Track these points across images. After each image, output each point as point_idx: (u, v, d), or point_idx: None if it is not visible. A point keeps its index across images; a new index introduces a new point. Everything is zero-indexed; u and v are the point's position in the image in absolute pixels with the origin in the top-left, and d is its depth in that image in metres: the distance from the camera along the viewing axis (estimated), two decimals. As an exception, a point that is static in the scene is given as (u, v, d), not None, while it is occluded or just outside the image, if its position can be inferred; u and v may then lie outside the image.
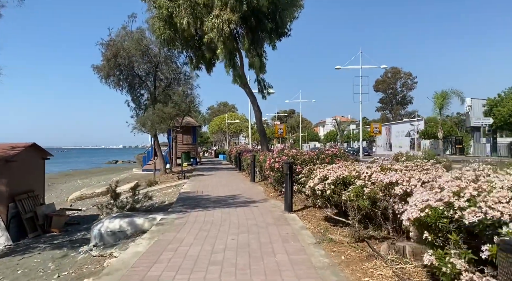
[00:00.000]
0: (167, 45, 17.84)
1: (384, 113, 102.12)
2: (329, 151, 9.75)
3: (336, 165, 6.88)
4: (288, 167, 7.74)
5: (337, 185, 5.90)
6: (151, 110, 17.12)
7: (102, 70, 18.58)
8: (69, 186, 25.41)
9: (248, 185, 13.47)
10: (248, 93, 17.45)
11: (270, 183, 11.11)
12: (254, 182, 14.16)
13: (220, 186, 13.07)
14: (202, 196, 10.50)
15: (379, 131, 35.45)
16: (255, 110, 17.49)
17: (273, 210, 8.08)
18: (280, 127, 32.21)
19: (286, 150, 10.13)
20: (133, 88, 20.63)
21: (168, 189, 14.38)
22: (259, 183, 13.87)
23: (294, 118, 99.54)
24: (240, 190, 11.84)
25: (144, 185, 16.68)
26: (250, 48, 15.03)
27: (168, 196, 12.49)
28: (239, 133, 68.52)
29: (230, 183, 14.13)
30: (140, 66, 18.94)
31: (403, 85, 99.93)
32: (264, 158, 13.21)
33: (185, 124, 29.30)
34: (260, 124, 17.62)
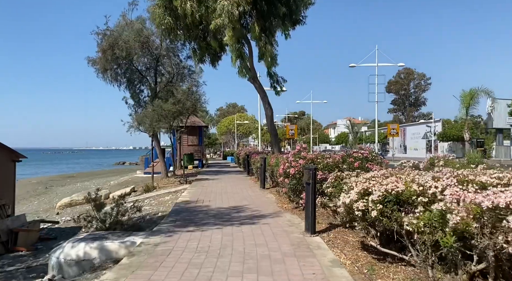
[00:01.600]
0: (168, 35, 16.10)
1: (397, 115, 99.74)
2: (359, 154, 7.85)
3: (378, 172, 4.98)
4: (310, 174, 5.87)
5: (387, 203, 4.02)
6: (150, 107, 15.38)
7: (98, 63, 16.93)
8: (67, 190, 23.88)
9: (257, 192, 11.62)
10: (257, 88, 15.60)
11: (284, 193, 9.23)
12: (264, 189, 12.31)
13: (224, 194, 11.24)
14: (201, 208, 8.67)
15: (396, 133, 33.30)
16: (266, 107, 15.63)
17: (290, 230, 6.20)
18: (292, 128, 30.29)
19: (304, 152, 8.25)
20: (132, 84, 18.97)
21: (166, 195, 12.59)
22: (270, 190, 12.01)
23: (304, 119, 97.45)
24: (247, 199, 9.99)
25: (141, 191, 14.96)
26: (261, 36, 13.17)
27: (163, 205, 10.69)
28: (248, 134, 66.69)
29: (236, 190, 12.29)
30: (140, 60, 17.25)
31: (416, 86, 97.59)
32: (276, 161, 11.36)
33: (191, 124, 27.57)
34: (271, 123, 15.75)
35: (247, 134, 66.43)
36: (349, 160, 7.75)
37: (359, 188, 4.50)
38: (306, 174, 6.00)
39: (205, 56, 16.76)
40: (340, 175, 6.19)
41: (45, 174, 45.05)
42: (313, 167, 6.00)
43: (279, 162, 11.31)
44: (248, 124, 58.76)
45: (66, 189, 23.97)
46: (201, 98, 25.76)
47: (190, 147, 27.85)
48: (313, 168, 5.93)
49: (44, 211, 14.50)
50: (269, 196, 10.66)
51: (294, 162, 8.05)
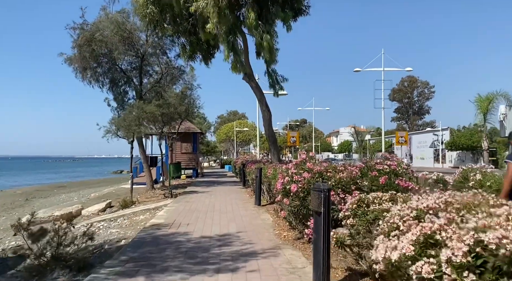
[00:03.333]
0: (153, 29, 14.21)
1: (400, 123, 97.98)
2: (384, 166, 5.77)
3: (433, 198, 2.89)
4: (321, 198, 3.81)
5: (484, 271, 1.97)
6: (131, 109, 13.36)
7: (74, 61, 14.97)
8: (47, 202, 21.81)
9: (250, 211, 9.52)
10: (254, 89, 13.60)
11: (283, 217, 7.11)
12: (259, 206, 10.22)
13: (210, 213, 9.14)
14: (174, 236, 6.56)
15: (405, 141, 31.25)
16: (263, 110, 13.62)
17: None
18: (293, 135, 28.24)
19: (310, 163, 6.18)
20: (116, 85, 17.00)
21: (142, 214, 10.50)
22: (267, 208, 9.93)
23: (306, 127, 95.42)
24: (237, 222, 7.90)
25: (117, 206, 12.88)
26: (258, 24, 11.19)
27: (134, 227, 8.60)
28: (248, 142, 64.63)
29: (227, 207, 10.19)
30: (122, 57, 15.28)
31: (420, 94, 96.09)
32: (274, 173, 9.29)
33: (184, 130, 25.56)
34: (269, 128, 13.71)
35: (247, 142, 64.39)
36: (371, 175, 5.68)
37: (415, 232, 2.44)
38: (315, 198, 3.93)
39: (196, 53, 14.83)
40: (364, 198, 4.16)
41: (36, 183, 43.04)
42: (326, 186, 3.92)
43: (277, 173, 9.27)
44: (248, 132, 56.73)
45: (46, 202, 21.89)
46: (195, 102, 23.96)
47: (184, 155, 25.81)
48: (325, 189, 3.85)
49: (3, 230, 12.46)
50: (265, 217, 8.56)
51: (297, 175, 5.99)
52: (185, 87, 22.52)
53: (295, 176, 6.03)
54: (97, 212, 12.61)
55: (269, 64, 13.27)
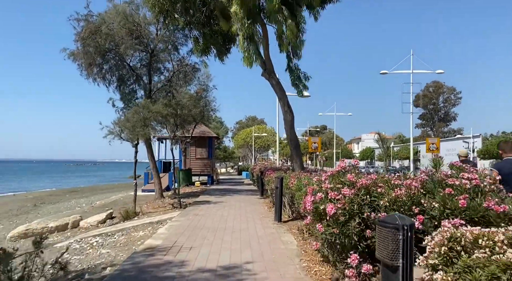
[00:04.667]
0: (164, 20, 12.84)
1: (425, 130, 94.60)
2: (463, 180, 4.01)
3: None
4: (401, 241, 2.12)
5: None
6: (138, 109, 11.93)
7: (78, 56, 13.74)
8: (54, 208, 20.70)
9: (269, 229, 7.84)
10: (274, 86, 11.98)
11: (316, 249, 5.33)
12: (280, 223, 8.54)
13: (221, 232, 7.51)
14: (168, 270, 4.94)
15: (436, 148, 28.82)
16: (285, 111, 11.96)
17: None
18: (315, 140, 26.35)
19: (351, 174, 4.49)
20: (125, 84, 15.72)
21: (142, 229, 8.98)
22: (289, 225, 8.25)
23: (326, 134, 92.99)
24: (254, 247, 6.24)
25: (119, 217, 11.45)
26: (281, 9, 9.56)
27: (129, 247, 7.07)
28: (267, 148, 62.90)
29: (241, 224, 8.55)
30: (130, 52, 13.93)
31: (445, 100, 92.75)
32: (298, 184, 7.65)
33: (199, 134, 24.17)
34: (290, 131, 12.03)
35: (265, 148, 62.68)
36: (443, 193, 3.94)
37: None
38: (386, 239, 2.26)
39: (210, 46, 13.37)
40: (458, 236, 2.50)
41: (51, 188, 42.57)
42: (406, 220, 2.24)
43: (303, 185, 7.59)
44: (267, 137, 55.03)
45: (53, 208, 20.80)
46: (211, 104, 22.56)
47: (199, 160, 24.37)
48: (406, 226, 2.17)
49: (-7, 242, 11.24)
50: (288, 239, 6.88)
51: (334, 191, 4.32)
52: (200, 88, 21.19)
53: (331, 192, 4.35)
54: (97, 223, 11.20)
55: (292, 58, 11.64)
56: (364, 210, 4.11)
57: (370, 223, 4.09)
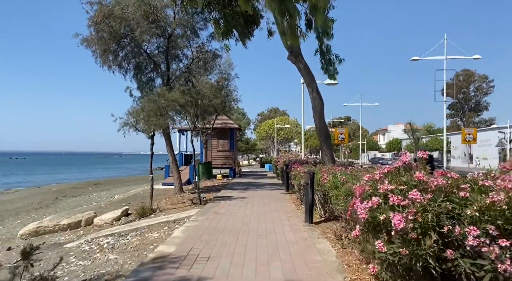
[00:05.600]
0: (181, 1, 11.85)
1: (454, 120, 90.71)
2: None
3: None
4: None
5: None
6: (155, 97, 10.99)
7: (92, 42, 12.94)
8: (74, 202, 20.32)
9: (300, 233, 6.76)
10: (301, 70, 10.79)
11: (373, 274, 4.14)
12: (312, 225, 7.44)
13: (244, 236, 6.49)
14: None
15: (473, 139, 26.95)
16: (313, 97, 10.77)
17: None
18: (341, 131, 24.99)
19: (420, 171, 3.34)
20: (142, 72, 14.88)
21: (158, 229, 8.10)
22: (322, 227, 7.14)
23: (349, 125, 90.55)
24: (284, 258, 5.17)
25: (135, 214, 10.64)
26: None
27: (140, 252, 6.17)
28: (290, 140, 61.58)
29: (267, 226, 7.51)
30: (146, 37, 12.99)
31: (477, 89, 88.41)
32: (333, 181, 6.54)
33: (221, 125, 23.26)
34: (320, 120, 10.84)
35: (288, 140, 61.38)
36: None
37: None
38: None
39: (231, 29, 12.28)
40: None
41: (76, 180, 42.97)
42: None
43: (339, 182, 6.49)
44: (290, 128, 53.69)
45: (74, 201, 20.43)
46: (232, 93, 21.55)
47: (220, 153, 23.48)
48: None
49: (2, 240, 10.64)
50: (324, 246, 5.78)
51: (398, 196, 3.18)
52: (221, 77, 20.18)
53: (393, 196, 3.22)
54: (111, 221, 10.42)
55: (323, 39, 10.41)
56: (443, 222, 2.97)
57: (452, 240, 2.95)
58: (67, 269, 6.08)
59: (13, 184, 36.72)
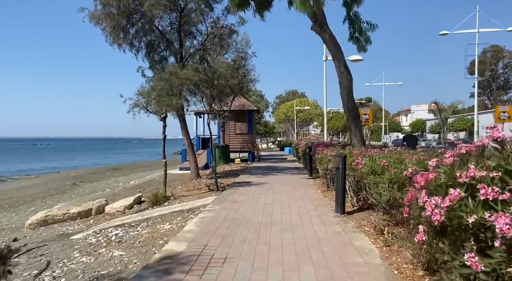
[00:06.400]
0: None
1: (481, 99, 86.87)
2: None
3: None
4: None
5: None
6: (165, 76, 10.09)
7: (101, 20, 12.07)
8: (91, 188, 19.97)
9: (332, 226, 5.81)
10: (327, 41, 9.64)
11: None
12: (344, 216, 6.48)
13: (266, 230, 5.60)
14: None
15: (508, 117, 25.11)
16: (340, 72, 9.63)
17: None
18: (365, 112, 23.63)
19: None
20: (154, 51, 13.99)
21: (170, 219, 7.32)
22: (356, 218, 6.18)
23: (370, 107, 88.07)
24: (316, 259, 4.24)
25: (149, 202, 9.93)
26: None
27: (148, 248, 5.39)
28: (309, 122, 60.15)
29: (292, 217, 6.60)
30: (155, 11, 12.02)
31: (506, 66, 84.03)
32: (370, 165, 5.54)
33: (238, 107, 22.32)
34: (348, 97, 9.73)
35: (307, 122, 59.97)
36: None
37: None
38: None
39: (248, 0, 11.18)
40: None
41: (96, 165, 43.20)
42: None
43: (379, 167, 5.50)
44: (309, 111, 52.25)
45: (90, 187, 20.09)
46: (250, 73, 20.51)
47: (238, 136, 22.62)
48: None
49: (11, 230, 10.15)
50: (362, 243, 4.83)
51: (492, 187, 2.17)
52: (237, 56, 19.12)
53: (485, 187, 2.21)
54: (123, 209, 9.75)
55: (351, 5, 9.19)
56: None
57: None
58: (67, 268, 5.36)
59: (34, 170, 37.08)
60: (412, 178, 3.57)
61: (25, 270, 5.79)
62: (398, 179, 4.66)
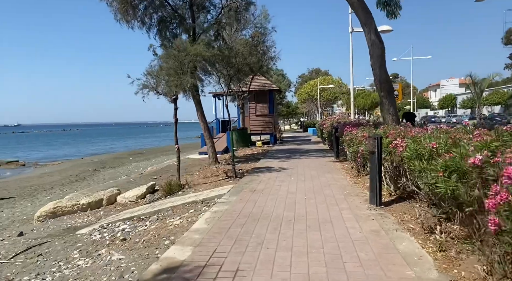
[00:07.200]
0: None
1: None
2: None
3: None
4: None
5: None
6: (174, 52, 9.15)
7: (106, -6, 11.21)
8: (111, 173, 19.64)
9: (368, 222, 4.82)
10: (355, 5, 8.40)
11: None
12: (381, 208, 5.48)
13: (288, 227, 4.67)
14: None
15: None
16: (371, 40, 8.42)
17: None
18: (394, 88, 22.01)
19: None
20: (167, 28, 13.07)
21: (182, 212, 6.55)
22: (396, 210, 5.17)
23: (397, 83, 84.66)
24: (351, 273, 3.32)
25: (162, 191, 9.22)
26: None
27: (151, 250, 4.62)
28: (333, 101, 58.22)
29: (319, 209, 5.65)
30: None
31: (544, 35, 78.10)
32: (414, 148, 4.51)
33: (259, 87, 21.25)
34: (380, 69, 8.53)
35: (331, 101, 58.06)
36: None
37: None
38: None
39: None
40: None
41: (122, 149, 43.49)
42: None
43: (426, 150, 4.48)
44: (333, 89, 50.34)
45: (110, 173, 19.76)
46: (270, 50, 19.32)
47: (259, 118, 21.62)
48: None
49: (21, 221, 9.69)
50: (409, 247, 3.83)
51: None
52: (256, 31, 17.92)
53: None
54: (135, 198, 9.08)
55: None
56: None
57: None
58: (59, 274, 4.67)
59: (60, 156, 37.56)
60: (495, 169, 2.54)
61: (18, 274, 5.17)
62: (458, 167, 3.61)
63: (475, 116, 45.52)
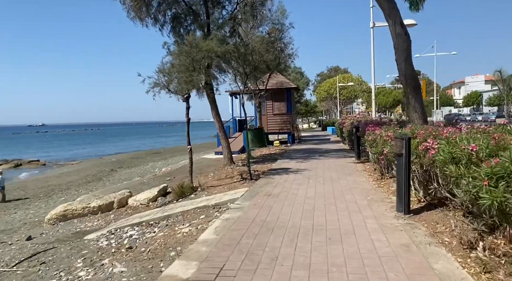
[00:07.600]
0: None
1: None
2: None
3: None
4: None
5: None
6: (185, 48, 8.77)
7: (118, -9, 10.94)
8: (126, 174, 19.53)
9: (398, 239, 4.27)
10: (379, -4, 7.81)
11: None
12: (410, 217, 4.91)
13: (306, 241, 4.17)
14: None
15: None
16: (396, 33, 7.81)
17: None
18: (417, 85, 21.08)
19: None
20: (181, 25, 12.75)
21: (192, 218, 6.15)
22: (427, 219, 4.59)
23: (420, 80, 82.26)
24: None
25: (174, 194, 8.85)
26: None
27: (155, 263, 4.22)
28: (352, 99, 57.01)
29: (340, 218, 5.13)
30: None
31: None
32: (449, 150, 3.92)
33: (276, 85, 20.75)
34: (406, 63, 7.90)
35: (351, 100, 56.88)
36: None
37: None
38: None
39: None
40: None
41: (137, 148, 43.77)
42: None
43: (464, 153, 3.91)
44: (353, 87, 49.22)
45: (126, 173, 19.67)
46: (287, 47, 18.83)
47: (277, 117, 21.11)
48: None
49: (32, 224, 9.51)
50: (447, 266, 3.28)
51: None
52: (272, 28, 17.48)
53: None
54: (147, 201, 8.76)
55: None
56: None
57: None
58: (57, 286, 4.33)
59: (80, 155, 38.05)
60: None
61: (17, 284, 4.88)
62: (508, 173, 3.05)
63: (502, 114, 43.63)
